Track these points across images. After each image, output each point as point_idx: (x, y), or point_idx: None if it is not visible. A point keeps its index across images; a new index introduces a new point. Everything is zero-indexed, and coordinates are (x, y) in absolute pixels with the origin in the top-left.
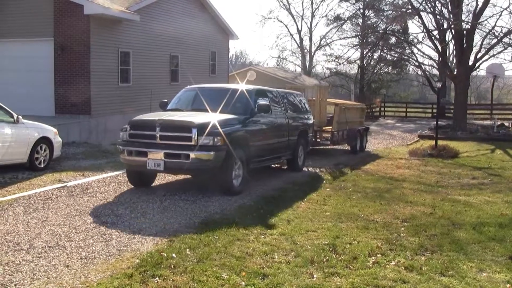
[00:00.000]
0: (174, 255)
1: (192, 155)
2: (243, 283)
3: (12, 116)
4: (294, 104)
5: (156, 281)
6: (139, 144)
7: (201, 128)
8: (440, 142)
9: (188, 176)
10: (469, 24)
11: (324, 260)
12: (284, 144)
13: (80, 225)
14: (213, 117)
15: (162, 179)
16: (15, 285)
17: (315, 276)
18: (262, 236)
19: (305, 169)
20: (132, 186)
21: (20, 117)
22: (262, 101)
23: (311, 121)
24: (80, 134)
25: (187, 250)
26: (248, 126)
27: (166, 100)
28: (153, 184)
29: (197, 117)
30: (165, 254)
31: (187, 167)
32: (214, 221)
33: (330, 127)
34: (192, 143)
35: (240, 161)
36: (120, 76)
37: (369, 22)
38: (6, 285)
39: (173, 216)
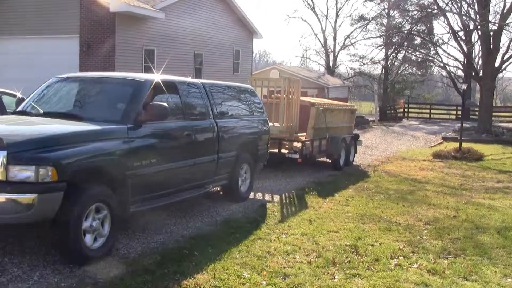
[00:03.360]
0: (196, 252)
1: None
2: (264, 283)
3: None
4: (234, 104)
5: (177, 278)
6: None
7: (17, 149)
8: (464, 145)
9: None
10: (496, 25)
11: (346, 261)
12: (210, 166)
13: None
14: (50, 129)
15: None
16: (40, 276)
17: (336, 277)
18: (284, 236)
19: (252, 195)
20: None
21: None
22: (161, 100)
23: (265, 128)
24: None
25: (209, 248)
26: (128, 142)
27: (23, 97)
28: None
29: (16, 129)
30: (187, 252)
31: None
32: (236, 220)
33: (305, 134)
34: None
35: (104, 205)
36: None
37: (394, 22)
38: (32, 276)
39: (195, 214)
